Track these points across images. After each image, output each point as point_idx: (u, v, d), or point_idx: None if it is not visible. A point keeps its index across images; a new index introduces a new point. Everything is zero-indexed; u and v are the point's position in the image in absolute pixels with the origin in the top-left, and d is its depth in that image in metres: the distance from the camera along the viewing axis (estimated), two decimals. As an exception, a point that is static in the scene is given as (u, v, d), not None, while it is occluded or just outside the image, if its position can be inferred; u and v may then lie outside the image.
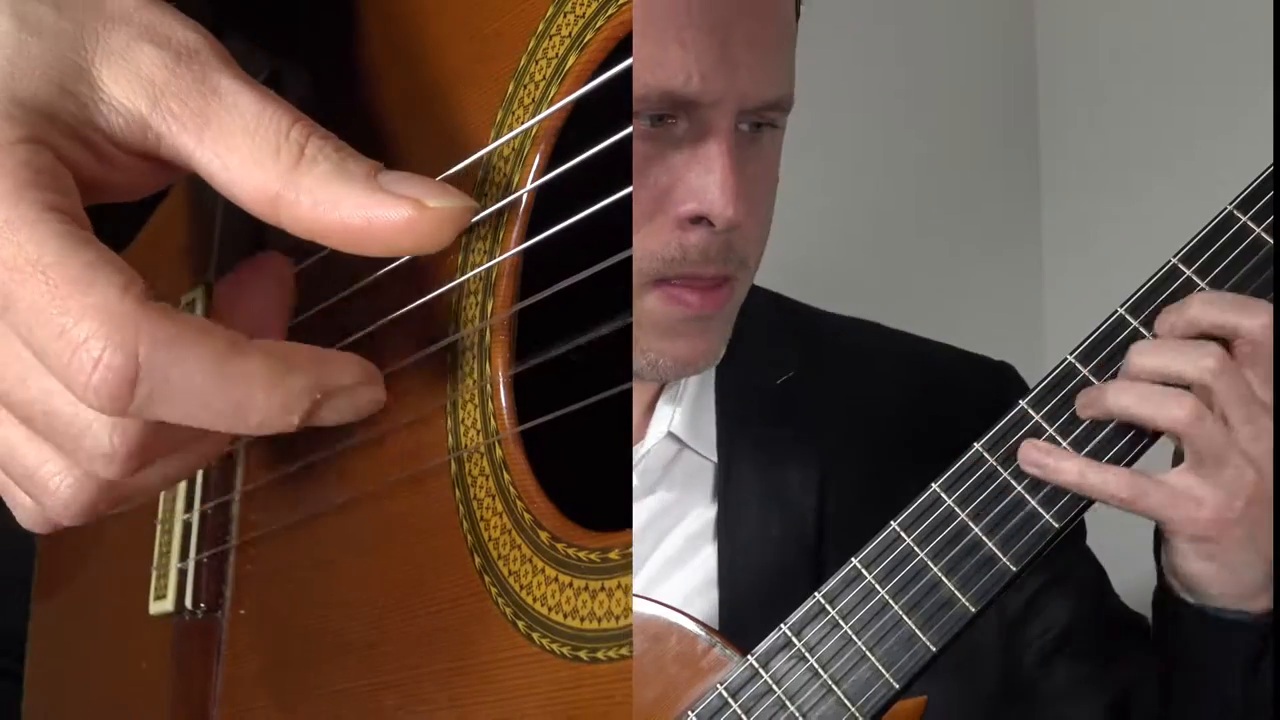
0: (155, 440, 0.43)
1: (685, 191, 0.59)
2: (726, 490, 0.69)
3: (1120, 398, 0.57)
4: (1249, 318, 0.55)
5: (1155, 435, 0.58)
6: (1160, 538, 0.60)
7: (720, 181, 0.58)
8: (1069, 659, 0.73)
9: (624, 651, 0.44)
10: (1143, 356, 0.57)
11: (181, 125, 0.45)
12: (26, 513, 0.50)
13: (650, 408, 0.70)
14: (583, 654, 0.45)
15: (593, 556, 0.45)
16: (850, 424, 0.73)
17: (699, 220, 0.59)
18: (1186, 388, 0.56)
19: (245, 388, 0.42)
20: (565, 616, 0.46)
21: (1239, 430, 0.55)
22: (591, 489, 0.49)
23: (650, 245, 0.59)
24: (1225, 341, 0.56)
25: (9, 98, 0.43)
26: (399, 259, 0.52)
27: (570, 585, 0.46)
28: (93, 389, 0.40)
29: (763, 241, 0.65)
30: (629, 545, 0.45)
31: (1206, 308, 0.56)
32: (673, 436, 0.70)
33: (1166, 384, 0.56)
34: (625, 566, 0.45)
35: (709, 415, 0.71)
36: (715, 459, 0.70)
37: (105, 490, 0.46)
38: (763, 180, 0.63)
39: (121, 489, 0.47)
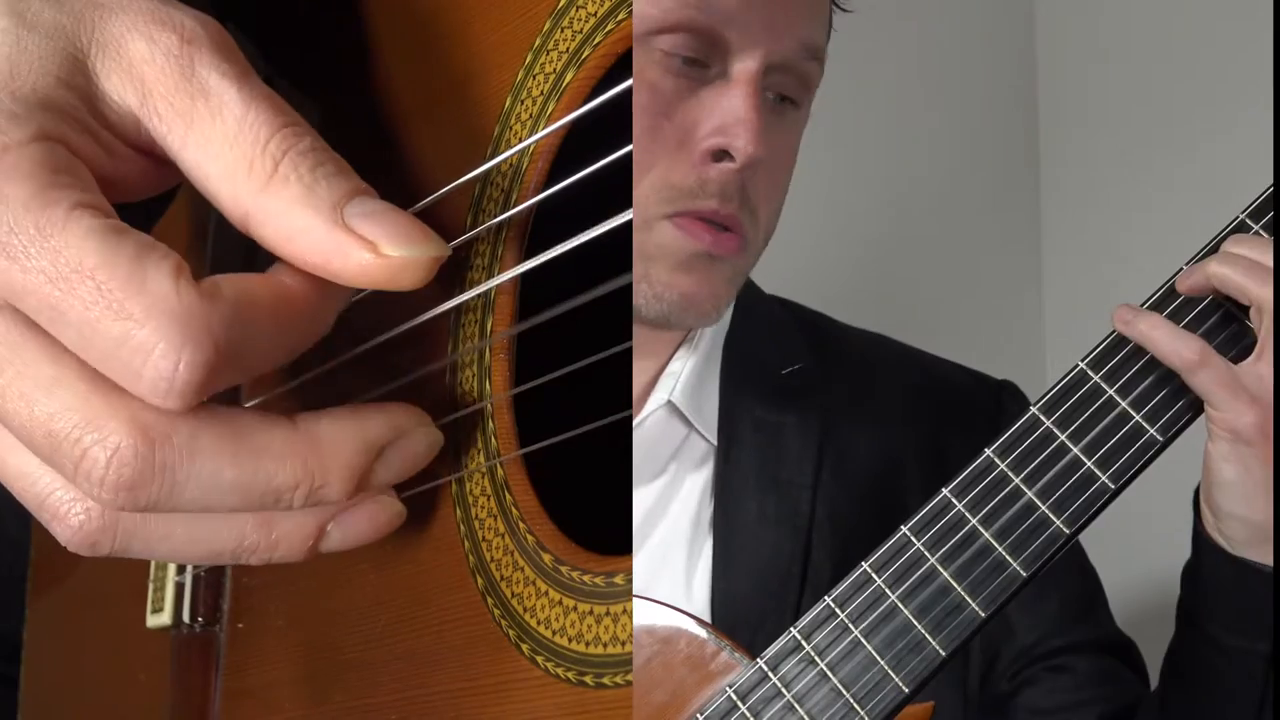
0: (157, 483, 0.42)
1: (711, 127, 0.61)
2: (725, 473, 0.69)
3: (1219, 268, 0.57)
4: None
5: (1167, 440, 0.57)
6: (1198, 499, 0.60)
7: (745, 119, 0.60)
8: (1053, 672, 0.72)
9: (629, 677, 0.43)
10: (1242, 246, 0.58)
11: (168, 126, 0.44)
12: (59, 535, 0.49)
13: (651, 386, 0.70)
14: (588, 679, 0.44)
15: (598, 580, 0.45)
16: (851, 416, 0.73)
17: (721, 157, 0.61)
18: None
19: (306, 336, 0.44)
20: (570, 640, 0.45)
21: None
22: (593, 509, 0.49)
23: (671, 177, 0.61)
24: None
25: (9, 96, 0.42)
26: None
27: (575, 609, 0.45)
28: (176, 393, 0.40)
29: (775, 211, 0.67)
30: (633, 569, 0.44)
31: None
32: (674, 409, 0.69)
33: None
34: (631, 591, 0.44)
35: (711, 395, 0.71)
36: (715, 441, 0.70)
37: (110, 526, 0.45)
38: (779, 151, 0.65)
39: (126, 529, 0.45)
